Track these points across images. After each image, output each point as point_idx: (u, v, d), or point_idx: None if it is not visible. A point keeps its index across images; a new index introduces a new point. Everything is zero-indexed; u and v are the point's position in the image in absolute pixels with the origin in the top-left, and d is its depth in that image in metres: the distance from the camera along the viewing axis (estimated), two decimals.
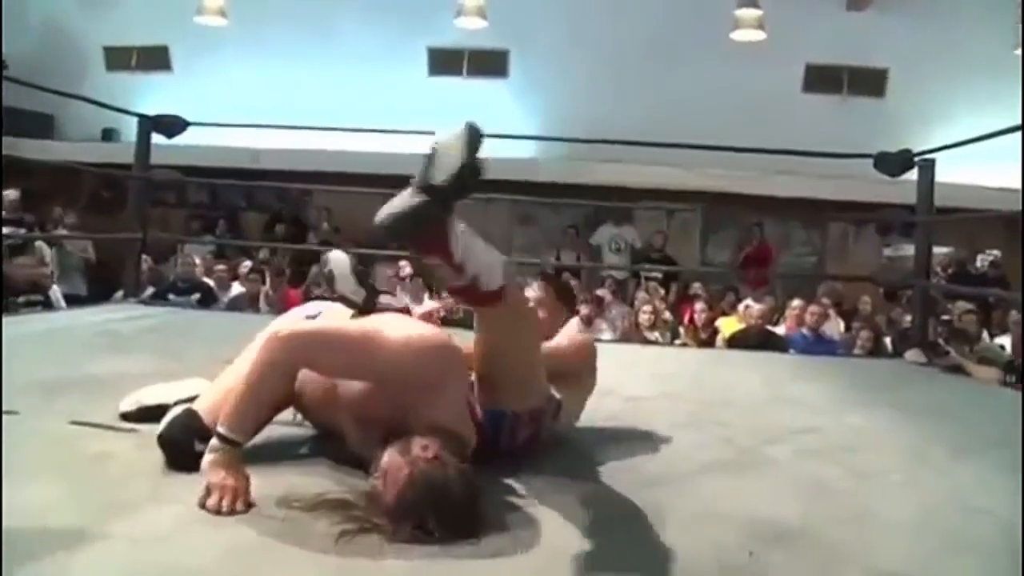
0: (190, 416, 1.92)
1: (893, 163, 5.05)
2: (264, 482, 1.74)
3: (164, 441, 1.90)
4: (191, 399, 2.06)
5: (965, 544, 1.74)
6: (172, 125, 5.47)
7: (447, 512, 1.55)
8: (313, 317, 2.15)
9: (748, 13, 9.24)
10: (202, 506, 1.64)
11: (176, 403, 2.09)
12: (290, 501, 1.66)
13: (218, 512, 1.62)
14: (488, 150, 2.01)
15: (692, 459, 2.26)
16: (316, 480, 1.84)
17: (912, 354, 4.82)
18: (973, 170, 7.96)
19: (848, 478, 2.18)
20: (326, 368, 1.87)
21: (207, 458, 1.73)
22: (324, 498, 1.66)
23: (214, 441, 1.74)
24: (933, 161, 4.96)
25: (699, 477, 2.11)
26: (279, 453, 2.02)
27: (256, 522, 1.60)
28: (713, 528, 1.73)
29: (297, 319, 2.13)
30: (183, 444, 1.87)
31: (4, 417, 2.17)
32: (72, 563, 1.38)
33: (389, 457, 1.63)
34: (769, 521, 1.79)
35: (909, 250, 7.57)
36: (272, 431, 2.06)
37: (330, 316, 2.16)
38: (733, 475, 2.16)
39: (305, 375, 1.93)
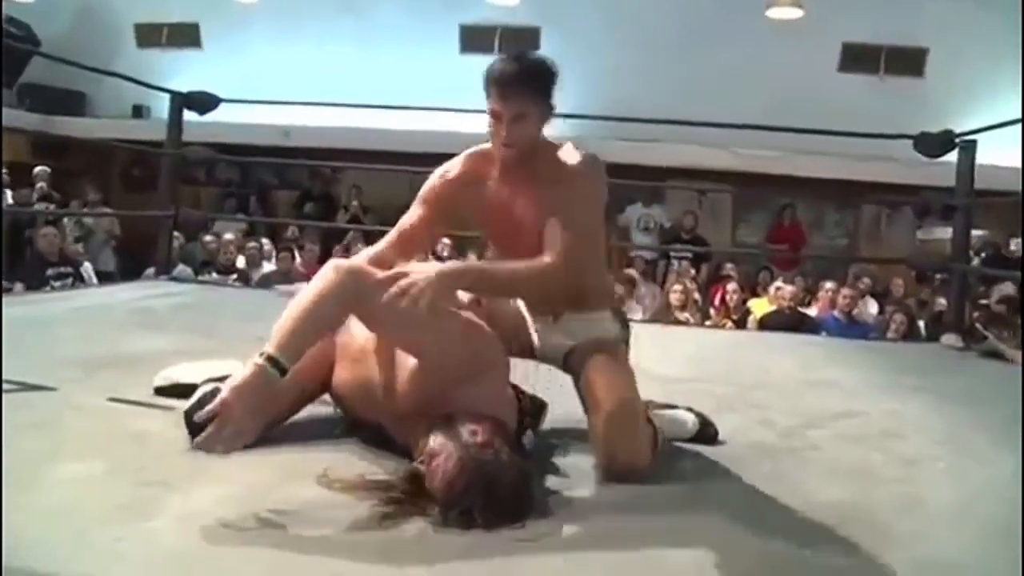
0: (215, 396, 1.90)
1: (934, 144, 4.93)
2: (300, 459, 1.73)
3: (190, 419, 1.88)
4: (222, 379, 2.05)
5: (1014, 532, 1.69)
6: (205, 102, 5.46)
7: (497, 499, 1.53)
8: None
9: None
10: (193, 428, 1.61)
11: (205, 382, 2.08)
12: (331, 481, 1.65)
13: (207, 451, 1.57)
14: None
15: (734, 443, 2.23)
16: (351, 459, 1.84)
17: (948, 338, 4.74)
18: (1009, 151, 7.81)
19: (893, 464, 2.15)
20: (374, 314, 1.76)
21: (242, 373, 1.62)
22: (365, 479, 1.64)
23: (257, 357, 1.63)
24: (975, 142, 4.85)
25: (743, 461, 2.07)
26: (311, 431, 2.01)
27: (297, 501, 1.59)
28: (761, 513, 1.71)
29: None
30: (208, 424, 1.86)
31: (44, 393, 2.20)
32: (119, 539, 1.38)
33: (437, 442, 1.60)
34: (817, 506, 1.77)
35: (942, 233, 7.43)
36: (321, 409, 2.08)
37: None
38: (777, 459, 2.13)
39: (342, 360, 1.91)
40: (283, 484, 1.68)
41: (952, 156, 4.92)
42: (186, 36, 11.58)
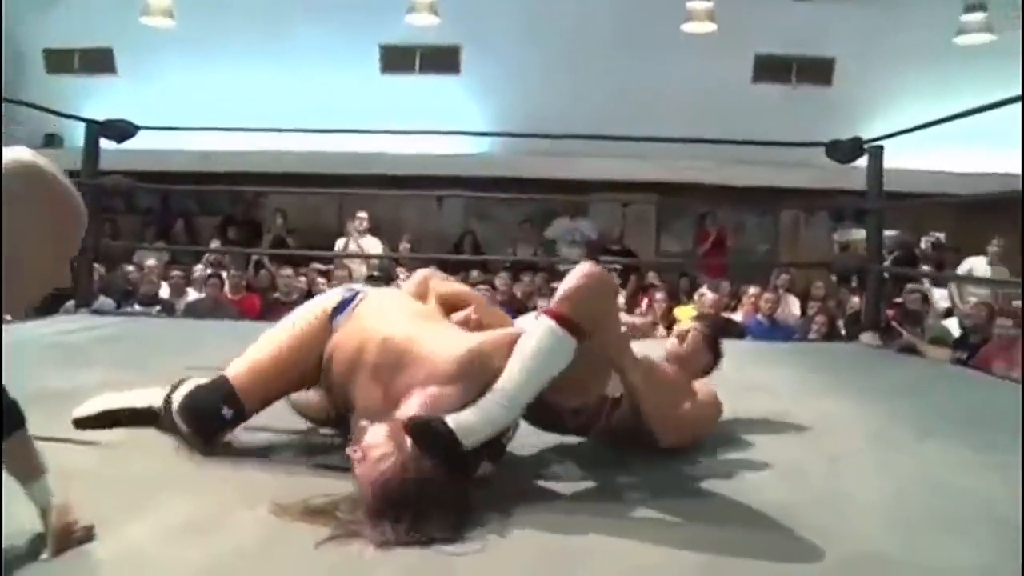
0: (221, 380, 1.87)
1: (844, 150, 5.14)
2: (245, 487, 1.71)
3: (187, 404, 1.86)
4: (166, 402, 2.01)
5: (941, 522, 1.77)
6: (122, 130, 5.33)
7: (429, 513, 1.53)
8: (350, 300, 2.03)
9: (699, 5, 9.31)
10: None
11: (149, 406, 2.05)
12: (279, 508, 1.63)
13: None
14: (443, 146, 1.99)
15: None
16: (300, 483, 1.82)
17: (867, 337, 4.90)
18: (916, 155, 8.12)
19: (822, 461, 2.21)
20: None
21: None
22: (308, 505, 1.63)
23: None
24: (881, 148, 5.05)
25: (676, 461, 2.12)
26: (255, 459, 1.99)
27: (239, 529, 1.58)
28: (694, 513, 1.75)
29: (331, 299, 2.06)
30: (209, 406, 1.84)
31: None
32: None
33: (378, 435, 1.61)
34: (750, 503, 1.82)
35: (857, 234, 7.67)
36: (259, 435, 2.07)
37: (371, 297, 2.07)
38: (712, 461, 2.18)
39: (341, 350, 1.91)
40: (227, 514, 1.66)
41: (862, 161, 5.12)
42: (99, 61, 11.28)
